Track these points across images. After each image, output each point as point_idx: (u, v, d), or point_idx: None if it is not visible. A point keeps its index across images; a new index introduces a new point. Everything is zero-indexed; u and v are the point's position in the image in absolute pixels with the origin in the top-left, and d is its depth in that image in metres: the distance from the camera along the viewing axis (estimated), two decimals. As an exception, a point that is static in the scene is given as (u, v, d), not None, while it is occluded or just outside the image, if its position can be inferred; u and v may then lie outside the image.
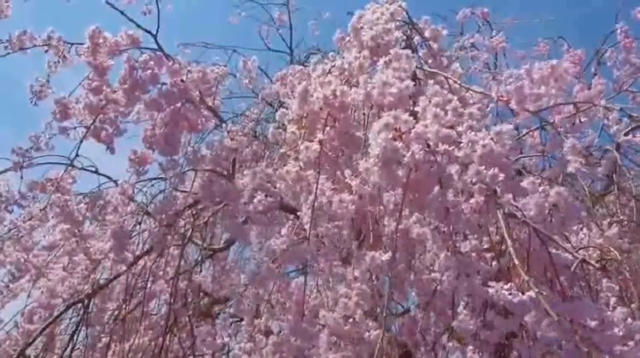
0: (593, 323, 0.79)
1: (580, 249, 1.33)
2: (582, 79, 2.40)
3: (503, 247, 0.97)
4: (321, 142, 1.01)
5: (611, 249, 1.31)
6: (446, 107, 0.86)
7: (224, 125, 1.73)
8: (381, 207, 1.21)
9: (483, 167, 0.78)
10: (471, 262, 0.87)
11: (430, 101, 0.87)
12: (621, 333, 0.79)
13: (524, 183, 0.81)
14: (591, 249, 1.39)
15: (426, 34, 1.28)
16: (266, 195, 1.02)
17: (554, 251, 0.97)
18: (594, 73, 2.58)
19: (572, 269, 1.02)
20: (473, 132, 0.81)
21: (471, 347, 1.01)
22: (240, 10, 3.82)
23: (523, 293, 0.76)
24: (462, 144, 0.81)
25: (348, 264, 1.13)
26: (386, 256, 0.97)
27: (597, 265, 1.23)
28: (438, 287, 1.18)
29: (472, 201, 0.78)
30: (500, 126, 0.83)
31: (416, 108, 0.89)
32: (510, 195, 0.77)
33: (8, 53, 1.69)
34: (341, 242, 1.21)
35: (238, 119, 2.65)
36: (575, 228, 1.45)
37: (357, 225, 1.17)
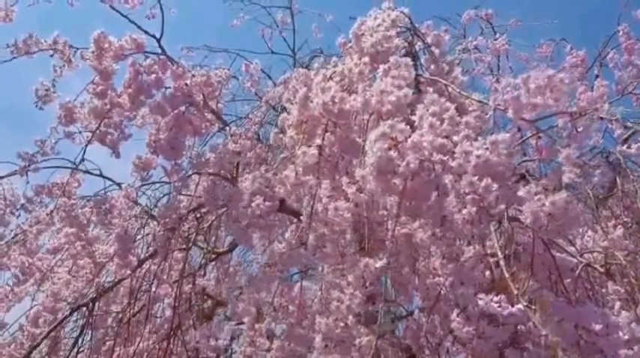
0: (597, 327, 0.78)
1: (585, 252, 1.32)
2: (585, 81, 2.40)
3: (507, 251, 0.96)
4: (319, 148, 1.01)
5: (616, 254, 1.30)
6: (443, 116, 0.85)
7: (227, 128, 1.73)
8: (384, 212, 1.21)
9: (477, 177, 0.77)
10: (468, 270, 0.87)
11: (427, 110, 0.87)
12: (626, 337, 0.79)
13: (521, 192, 0.80)
14: (596, 252, 1.38)
15: (428, 39, 1.28)
16: (264, 199, 1.02)
17: (558, 254, 0.96)
18: (597, 75, 2.58)
19: (576, 272, 1.02)
20: (468, 142, 0.80)
21: (462, 355, 1.00)
22: (243, 13, 3.83)
23: (513, 305, 0.76)
24: (455, 155, 0.80)
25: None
26: (380, 263, 0.96)
27: (602, 269, 1.22)
28: (442, 292, 1.18)
29: (464, 211, 0.77)
30: (496, 136, 0.82)
31: (413, 117, 0.88)
32: (504, 206, 0.76)
33: (14, 57, 1.70)
34: (341, 246, 1.21)
35: (242, 122, 2.65)
36: (580, 230, 1.44)
37: (360, 229, 1.17)
